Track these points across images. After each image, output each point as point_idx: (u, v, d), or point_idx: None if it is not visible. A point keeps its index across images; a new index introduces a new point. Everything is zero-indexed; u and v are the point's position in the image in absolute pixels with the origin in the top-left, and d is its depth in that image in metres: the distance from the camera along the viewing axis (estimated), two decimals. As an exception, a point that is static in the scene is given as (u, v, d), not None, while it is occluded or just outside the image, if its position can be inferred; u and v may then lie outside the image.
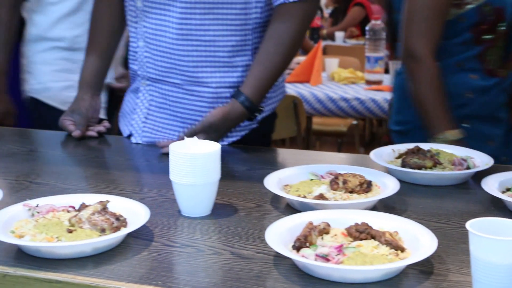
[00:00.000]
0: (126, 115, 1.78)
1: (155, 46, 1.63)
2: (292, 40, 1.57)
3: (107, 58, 1.81)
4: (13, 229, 1.05)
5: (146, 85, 1.69)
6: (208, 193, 1.19)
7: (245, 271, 0.97)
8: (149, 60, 1.65)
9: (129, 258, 1.01)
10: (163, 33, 1.60)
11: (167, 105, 1.67)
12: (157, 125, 1.70)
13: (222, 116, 1.55)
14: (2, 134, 1.82)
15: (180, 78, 1.63)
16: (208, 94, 1.63)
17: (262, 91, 1.58)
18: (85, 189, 1.38)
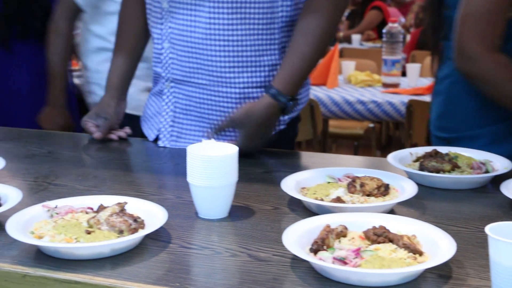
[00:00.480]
0: (149, 118, 1.78)
1: (181, 47, 1.63)
2: (322, 31, 1.55)
3: (134, 59, 1.82)
4: (32, 230, 1.06)
5: (170, 87, 1.69)
6: (225, 195, 1.19)
7: (262, 273, 0.97)
8: (174, 61, 1.65)
9: (146, 259, 1.02)
10: (190, 33, 1.60)
11: (192, 107, 1.67)
12: (184, 127, 1.69)
13: (244, 111, 1.54)
14: (22, 136, 1.83)
15: (206, 78, 1.62)
16: (234, 95, 1.63)
17: (293, 82, 1.55)
18: (103, 190, 1.38)
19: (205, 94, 1.64)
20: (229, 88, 1.62)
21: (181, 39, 1.62)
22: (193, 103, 1.67)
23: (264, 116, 1.54)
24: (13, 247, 1.04)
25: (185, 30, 1.61)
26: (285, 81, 1.55)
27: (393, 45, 3.75)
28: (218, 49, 1.59)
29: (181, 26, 1.61)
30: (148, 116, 1.80)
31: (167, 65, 1.67)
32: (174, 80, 1.67)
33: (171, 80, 1.68)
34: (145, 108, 1.83)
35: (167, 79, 1.69)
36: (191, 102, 1.67)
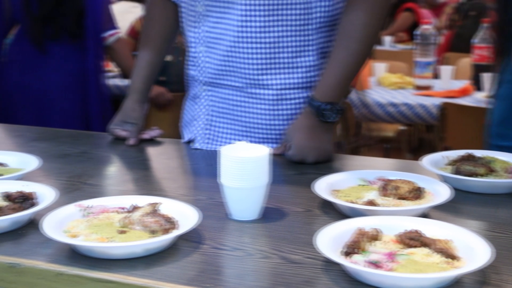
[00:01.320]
0: (187, 124, 1.79)
1: (216, 49, 1.63)
2: (364, 33, 1.53)
3: (159, 61, 1.83)
4: (66, 229, 1.07)
5: (205, 91, 1.69)
6: (257, 197, 1.19)
7: (295, 276, 0.96)
8: (209, 64, 1.66)
9: (179, 260, 1.02)
10: (225, 36, 1.61)
11: (227, 110, 1.67)
12: (218, 130, 1.70)
13: (291, 125, 1.56)
14: (56, 136, 1.86)
15: (241, 81, 1.63)
16: (270, 96, 1.62)
17: (334, 90, 1.54)
18: (136, 190, 1.39)
19: (240, 97, 1.64)
20: (264, 90, 1.62)
21: (216, 42, 1.63)
22: (228, 106, 1.67)
23: (303, 126, 1.55)
24: (48, 245, 1.05)
25: (219, 33, 1.61)
26: (321, 88, 1.55)
27: (425, 47, 3.71)
28: (252, 51, 1.59)
29: (216, 29, 1.62)
30: (185, 123, 1.80)
31: (203, 69, 1.68)
32: (209, 83, 1.68)
33: (207, 83, 1.68)
34: (183, 114, 1.83)
35: (202, 83, 1.69)
36: (226, 105, 1.67)
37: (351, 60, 1.54)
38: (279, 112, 1.64)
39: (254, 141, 1.66)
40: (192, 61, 1.71)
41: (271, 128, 1.65)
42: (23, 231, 1.12)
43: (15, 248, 1.05)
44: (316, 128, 1.55)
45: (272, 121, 1.65)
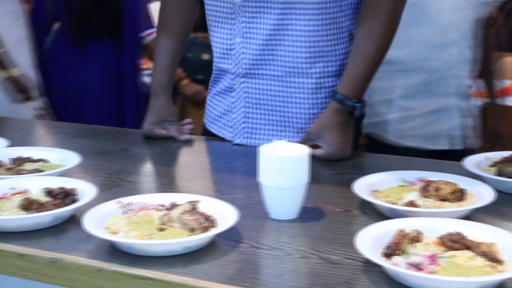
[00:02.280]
0: (218, 119, 1.78)
1: (254, 39, 1.63)
2: (384, 30, 1.54)
3: (180, 54, 1.84)
4: (107, 225, 1.08)
5: (240, 83, 1.69)
6: (296, 196, 1.18)
7: (334, 276, 0.96)
8: (246, 56, 1.66)
9: (217, 258, 1.02)
10: (264, 25, 1.61)
11: (265, 101, 1.67)
12: (257, 122, 1.70)
13: (317, 122, 1.56)
14: (96, 133, 1.88)
15: (280, 70, 1.63)
16: (309, 85, 1.63)
17: (357, 85, 1.55)
18: (174, 188, 1.40)
19: (279, 86, 1.64)
20: (303, 78, 1.63)
21: (254, 32, 1.63)
22: (265, 97, 1.67)
23: (335, 123, 1.55)
24: (88, 241, 1.06)
25: (258, 23, 1.61)
26: (350, 85, 1.55)
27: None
28: (293, 39, 1.60)
29: (255, 19, 1.62)
30: (216, 117, 1.79)
31: (239, 60, 1.67)
32: (245, 74, 1.68)
33: (242, 75, 1.68)
34: (209, 110, 1.83)
35: (237, 75, 1.69)
36: (264, 96, 1.67)
37: (377, 57, 1.56)
38: (317, 100, 1.65)
39: (293, 131, 1.67)
40: (226, 54, 1.70)
41: (310, 117, 1.66)
42: (64, 227, 1.13)
43: (56, 243, 1.07)
44: (348, 124, 1.57)
45: (311, 110, 1.65)
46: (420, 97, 2.14)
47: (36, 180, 1.27)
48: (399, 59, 2.10)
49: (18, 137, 1.79)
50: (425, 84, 2.13)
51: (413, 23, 2.06)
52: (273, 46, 1.61)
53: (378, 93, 2.16)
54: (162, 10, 1.83)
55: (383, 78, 2.04)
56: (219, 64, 1.73)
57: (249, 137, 1.71)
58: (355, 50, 1.56)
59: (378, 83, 2.05)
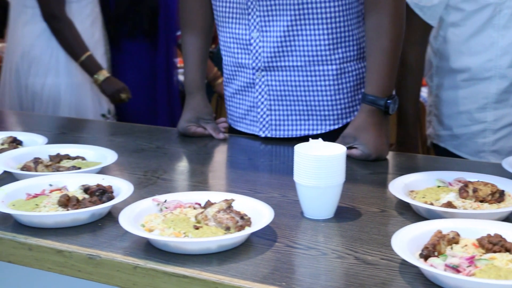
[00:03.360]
0: (244, 116, 1.78)
1: (271, 32, 1.63)
2: (391, 18, 1.53)
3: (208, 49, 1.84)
4: (143, 223, 1.08)
5: (261, 76, 1.69)
6: (332, 196, 1.17)
7: (370, 277, 0.95)
8: (265, 49, 1.66)
9: (252, 257, 1.02)
10: (281, 17, 1.61)
11: (288, 92, 1.68)
12: (282, 113, 1.70)
13: (351, 126, 1.55)
14: (132, 131, 1.89)
15: (302, 59, 1.64)
16: (332, 72, 1.64)
17: (384, 82, 1.55)
18: (209, 186, 1.40)
19: (301, 76, 1.65)
20: (325, 65, 1.64)
21: (271, 24, 1.63)
22: (288, 87, 1.67)
23: (371, 124, 1.54)
24: (124, 238, 1.07)
25: (274, 15, 1.62)
26: (376, 83, 1.55)
27: None
28: (313, 28, 1.61)
29: (271, 12, 1.62)
30: (241, 115, 1.79)
31: (257, 54, 1.67)
32: (265, 68, 1.68)
33: (262, 69, 1.68)
34: (232, 110, 1.82)
35: (257, 69, 1.69)
36: (286, 87, 1.67)
37: (395, 49, 1.55)
38: (341, 86, 1.66)
39: (319, 119, 1.68)
40: (243, 49, 1.70)
41: (334, 103, 1.67)
42: (101, 224, 1.14)
43: (93, 240, 1.08)
44: (383, 124, 1.56)
45: (335, 96, 1.66)
46: (493, 108, 1.90)
47: (74, 177, 1.29)
48: (468, 67, 1.88)
49: (56, 135, 1.82)
50: (499, 94, 1.88)
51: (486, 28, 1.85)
52: (292, 37, 1.62)
53: (446, 105, 1.97)
54: (183, 8, 1.83)
55: (451, 88, 1.92)
56: (237, 59, 1.72)
57: (276, 129, 1.72)
58: (370, 47, 1.56)
59: (446, 93, 1.93)
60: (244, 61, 1.71)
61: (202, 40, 1.82)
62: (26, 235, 1.09)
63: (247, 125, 1.78)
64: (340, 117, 1.69)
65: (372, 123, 1.53)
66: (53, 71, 2.57)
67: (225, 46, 1.75)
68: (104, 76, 2.56)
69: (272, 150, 1.68)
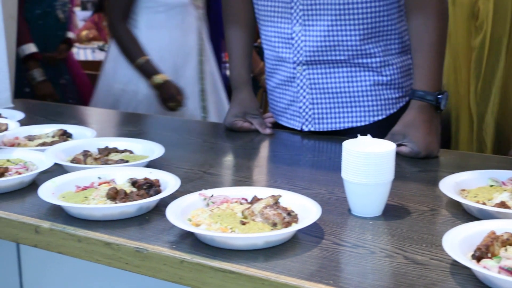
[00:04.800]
0: (285, 110, 1.78)
1: (315, 26, 1.63)
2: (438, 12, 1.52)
3: (252, 43, 1.83)
4: (190, 217, 1.08)
5: (302, 70, 1.68)
6: (381, 194, 1.15)
7: (420, 277, 0.92)
8: (307, 43, 1.65)
9: (299, 254, 1.01)
10: (325, 11, 1.60)
11: (330, 85, 1.67)
12: (323, 107, 1.70)
13: (401, 123, 1.53)
14: (178, 125, 1.90)
15: (345, 54, 1.64)
16: (374, 64, 1.65)
17: (433, 77, 1.52)
18: (255, 182, 1.40)
19: (343, 68, 1.65)
20: (368, 58, 1.64)
21: (315, 18, 1.62)
22: (330, 81, 1.67)
23: (420, 120, 1.51)
24: (171, 232, 1.08)
25: (319, 9, 1.61)
26: (425, 78, 1.52)
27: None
28: (356, 23, 1.60)
29: (314, 6, 1.61)
30: (282, 109, 1.79)
31: (299, 49, 1.66)
32: (307, 62, 1.67)
33: (303, 63, 1.67)
34: (273, 103, 1.82)
35: (298, 63, 1.68)
36: (328, 80, 1.67)
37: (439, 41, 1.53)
38: (383, 78, 1.66)
39: (360, 111, 1.68)
40: (285, 43, 1.69)
41: (376, 95, 1.67)
42: (148, 217, 1.15)
43: (140, 233, 1.08)
44: (433, 121, 1.53)
45: (378, 86, 1.66)
46: None
47: (121, 170, 1.30)
48: None
49: (105, 128, 1.84)
50: None
51: None
52: (335, 31, 1.61)
53: None
54: (227, 3, 1.83)
55: None
56: (278, 53, 1.72)
57: (318, 122, 1.71)
58: (417, 42, 1.54)
59: None
60: (285, 55, 1.70)
61: (246, 34, 1.82)
62: (75, 227, 1.10)
63: (288, 119, 1.78)
64: (384, 108, 1.68)
65: (422, 120, 1.51)
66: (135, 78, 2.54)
67: (267, 40, 1.75)
68: (162, 80, 2.48)
69: (317, 146, 1.67)
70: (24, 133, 1.64)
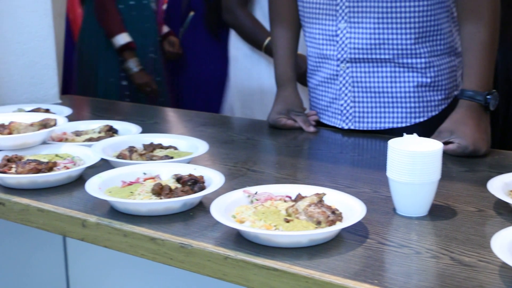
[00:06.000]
0: (327, 108, 1.77)
1: (362, 24, 1.62)
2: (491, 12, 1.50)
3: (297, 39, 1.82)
4: (234, 214, 1.09)
5: (346, 68, 1.67)
6: (427, 193, 1.13)
7: (467, 279, 0.91)
8: (352, 40, 1.64)
9: (343, 253, 1.00)
10: (372, 9, 1.59)
11: (373, 83, 1.66)
12: (366, 106, 1.69)
13: (449, 121, 1.51)
14: (222, 122, 1.91)
15: (390, 53, 1.62)
16: (420, 65, 1.63)
17: (482, 77, 1.50)
18: (299, 179, 1.39)
19: (388, 67, 1.64)
20: (413, 59, 1.63)
21: (362, 16, 1.61)
22: (373, 79, 1.66)
23: (469, 118, 1.49)
24: (215, 228, 1.08)
25: (366, 6, 1.60)
26: (475, 78, 1.50)
27: None
28: (404, 21, 1.59)
29: (361, 3, 1.60)
30: (323, 107, 1.78)
31: (343, 46, 1.65)
32: (351, 60, 1.65)
33: (347, 60, 1.66)
34: (315, 101, 1.81)
35: (341, 61, 1.67)
36: (372, 79, 1.66)
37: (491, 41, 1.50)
38: (427, 79, 1.65)
39: (403, 111, 1.67)
40: (329, 40, 1.68)
41: (419, 96, 1.65)
42: (192, 213, 1.16)
43: (185, 229, 1.09)
44: (482, 119, 1.51)
45: (422, 88, 1.65)
46: None
47: (166, 166, 1.31)
48: None
49: (150, 124, 1.86)
50: None
51: None
52: (382, 29, 1.60)
53: None
54: (272, 1, 1.83)
55: None
56: (322, 51, 1.71)
57: (359, 121, 1.70)
58: (468, 42, 1.52)
59: None
60: (328, 52, 1.70)
61: (292, 32, 1.82)
62: (121, 221, 1.12)
63: (329, 117, 1.77)
64: (426, 110, 1.66)
65: (470, 117, 1.48)
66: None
67: (310, 37, 1.74)
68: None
69: (359, 144, 1.66)
70: (71, 129, 1.68)
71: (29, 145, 1.44)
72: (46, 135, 1.48)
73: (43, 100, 2.12)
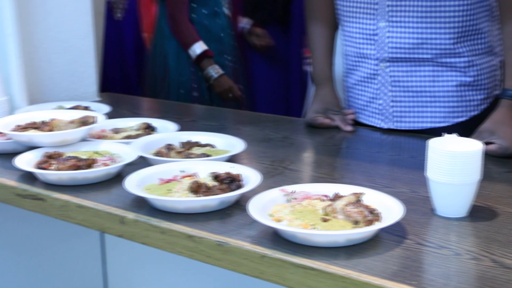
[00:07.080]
0: (365, 107, 1.76)
1: (402, 23, 1.60)
2: None
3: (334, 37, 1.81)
4: (271, 213, 1.09)
5: (385, 67, 1.66)
6: (467, 194, 1.12)
7: (509, 282, 0.89)
8: (392, 39, 1.63)
9: (381, 253, 0.99)
10: (413, 8, 1.58)
11: (413, 83, 1.65)
12: (405, 105, 1.67)
13: (490, 120, 1.49)
14: (259, 120, 1.91)
15: (431, 52, 1.61)
16: (460, 64, 1.61)
17: None
18: (336, 179, 1.38)
19: (428, 67, 1.62)
20: (454, 58, 1.61)
21: (403, 15, 1.60)
22: (414, 79, 1.64)
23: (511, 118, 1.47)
24: (252, 227, 1.08)
25: (408, 5, 1.58)
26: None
27: None
28: (445, 21, 1.57)
29: (403, 2, 1.58)
30: (362, 106, 1.77)
31: (383, 45, 1.64)
32: (390, 59, 1.64)
33: (386, 60, 1.64)
34: (352, 100, 1.80)
35: (381, 60, 1.65)
36: (412, 78, 1.65)
37: None
38: (467, 79, 1.62)
39: (443, 111, 1.65)
40: (368, 39, 1.67)
41: (459, 96, 1.63)
42: (229, 211, 1.16)
43: (222, 227, 1.10)
44: None
45: (461, 88, 1.63)
46: None
47: (204, 164, 1.32)
48: None
49: (187, 122, 1.87)
50: None
51: None
52: (423, 29, 1.58)
53: None
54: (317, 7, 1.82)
55: None
56: (360, 50, 1.70)
57: (398, 121, 1.68)
58: (510, 41, 1.50)
59: None
60: (367, 52, 1.69)
61: (329, 30, 1.81)
62: (159, 218, 1.13)
63: (368, 116, 1.75)
64: (466, 110, 1.64)
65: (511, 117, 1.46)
66: None
67: (348, 36, 1.73)
68: None
69: (397, 143, 1.64)
70: (110, 126, 1.70)
71: (69, 142, 1.47)
72: (85, 132, 1.50)
73: (82, 97, 2.15)
